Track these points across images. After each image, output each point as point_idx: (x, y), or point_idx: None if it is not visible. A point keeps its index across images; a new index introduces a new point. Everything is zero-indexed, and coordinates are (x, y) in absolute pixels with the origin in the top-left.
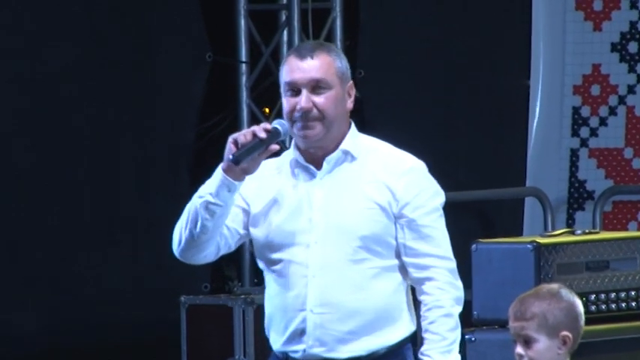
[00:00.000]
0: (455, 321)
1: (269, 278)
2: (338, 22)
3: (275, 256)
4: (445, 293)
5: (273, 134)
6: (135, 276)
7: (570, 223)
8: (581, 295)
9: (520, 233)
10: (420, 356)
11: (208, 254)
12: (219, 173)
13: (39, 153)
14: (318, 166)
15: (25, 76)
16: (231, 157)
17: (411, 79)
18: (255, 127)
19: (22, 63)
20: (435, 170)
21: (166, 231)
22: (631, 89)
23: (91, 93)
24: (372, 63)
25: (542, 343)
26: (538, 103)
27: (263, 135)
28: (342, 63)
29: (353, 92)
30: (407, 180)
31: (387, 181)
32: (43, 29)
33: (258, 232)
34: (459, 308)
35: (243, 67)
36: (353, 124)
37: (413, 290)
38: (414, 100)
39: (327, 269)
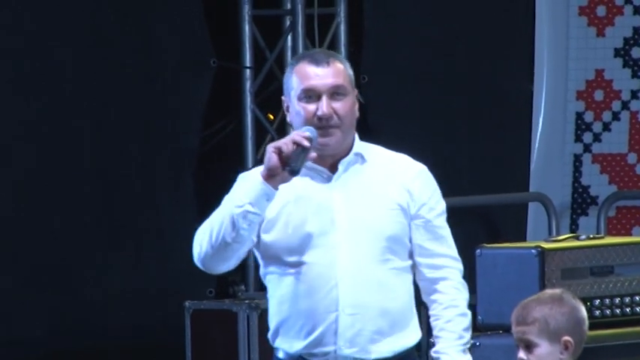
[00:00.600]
0: (469, 321)
1: (284, 283)
2: (342, 28)
3: (295, 258)
4: (460, 293)
5: (311, 142)
6: (139, 280)
7: (574, 228)
8: (585, 300)
9: (524, 238)
10: (435, 354)
11: (232, 263)
12: (258, 182)
13: (41, 158)
14: (330, 169)
15: (27, 79)
16: (288, 168)
17: (415, 85)
18: (294, 137)
19: (24, 66)
20: (439, 175)
21: (170, 235)
22: (634, 94)
23: (95, 98)
24: (375, 68)
25: (544, 347)
26: (541, 109)
27: (307, 144)
28: (351, 71)
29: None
30: (421, 181)
31: (403, 183)
32: (44, 34)
33: (272, 237)
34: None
35: (248, 72)
36: (356, 132)
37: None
38: (417, 105)
39: (357, 269)
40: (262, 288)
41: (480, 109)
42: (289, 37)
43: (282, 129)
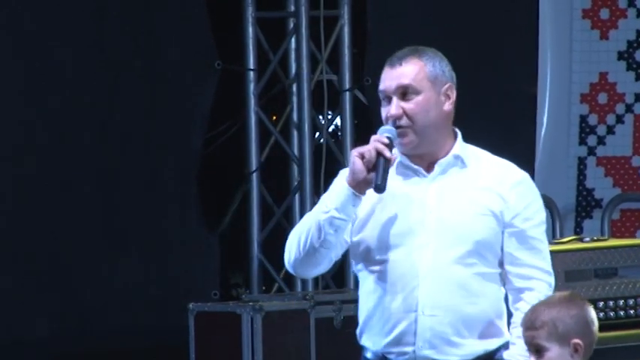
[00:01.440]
0: None
1: (369, 280)
2: (346, 30)
3: (381, 256)
4: None
5: (391, 146)
6: (143, 282)
7: (578, 231)
8: (589, 302)
9: None
10: (507, 357)
11: (323, 267)
12: (345, 188)
13: (43, 158)
14: (428, 170)
15: (33, 85)
16: (374, 185)
17: None
18: (377, 145)
19: (25, 67)
20: None
21: (174, 236)
22: (638, 97)
23: (99, 100)
24: (379, 70)
25: (554, 351)
26: (545, 112)
27: (389, 154)
28: (435, 66)
29: (453, 94)
30: (519, 191)
31: (500, 191)
32: (52, 38)
33: (362, 235)
34: None
35: (251, 74)
36: (460, 133)
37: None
38: None
39: (440, 271)
40: (266, 290)
41: (483, 112)
42: (293, 39)
43: (286, 131)
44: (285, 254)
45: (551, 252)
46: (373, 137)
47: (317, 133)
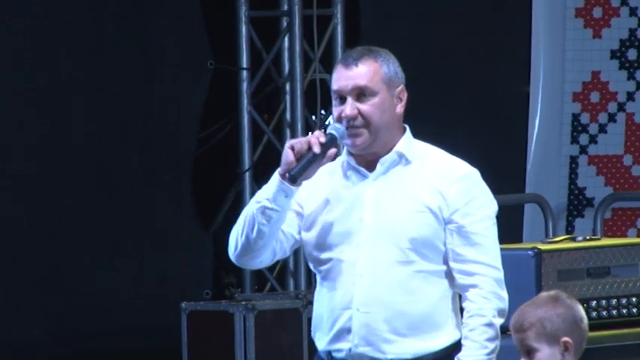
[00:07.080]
0: (495, 331)
1: (318, 279)
2: (339, 29)
3: (324, 255)
4: (488, 302)
5: (328, 143)
6: (137, 283)
7: (570, 230)
8: (581, 302)
9: (520, 240)
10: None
11: (264, 259)
12: (275, 179)
13: (43, 162)
14: (371, 168)
15: (29, 85)
16: (287, 175)
17: (411, 86)
18: (311, 139)
19: (27, 73)
20: None
21: (168, 236)
22: (630, 96)
23: (93, 99)
24: None
25: (544, 352)
26: (538, 110)
27: (317, 150)
28: (389, 68)
29: (404, 96)
30: (459, 186)
31: (440, 187)
32: (47, 39)
33: (310, 234)
34: (501, 320)
35: (244, 73)
36: (408, 129)
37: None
38: (413, 106)
39: (375, 269)
40: (258, 289)
41: (476, 111)
42: (286, 38)
43: (279, 130)
44: (228, 245)
45: (545, 251)
46: (315, 132)
47: (310, 133)
